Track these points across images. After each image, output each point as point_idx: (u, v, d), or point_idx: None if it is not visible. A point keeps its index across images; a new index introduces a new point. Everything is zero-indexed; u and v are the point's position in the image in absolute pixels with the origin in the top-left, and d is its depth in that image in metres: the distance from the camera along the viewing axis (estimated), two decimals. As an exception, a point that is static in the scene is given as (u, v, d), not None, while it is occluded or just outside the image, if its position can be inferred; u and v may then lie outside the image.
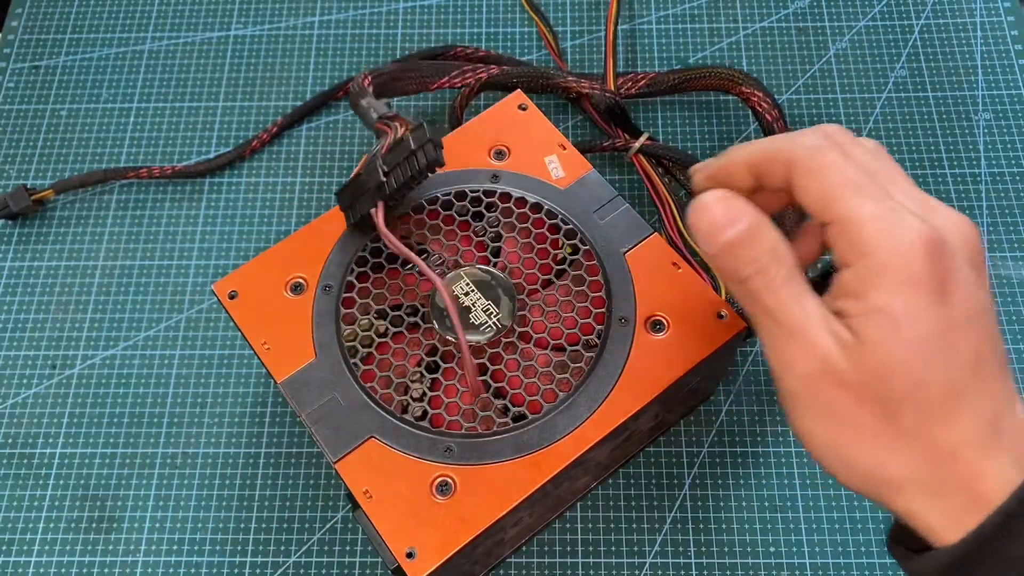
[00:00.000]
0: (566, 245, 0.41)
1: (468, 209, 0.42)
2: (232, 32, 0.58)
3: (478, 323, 0.39)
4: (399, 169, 0.38)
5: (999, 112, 0.54)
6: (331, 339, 0.39)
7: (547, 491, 0.37)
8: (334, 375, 0.38)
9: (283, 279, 0.41)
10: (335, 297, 0.40)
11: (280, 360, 0.39)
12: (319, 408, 0.38)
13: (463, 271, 0.40)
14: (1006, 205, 0.51)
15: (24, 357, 0.49)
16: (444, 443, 0.37)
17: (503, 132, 0.44)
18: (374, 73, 0.48)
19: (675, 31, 0.57)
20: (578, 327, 0.39)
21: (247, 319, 0.40)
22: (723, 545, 0.43)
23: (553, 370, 0.39)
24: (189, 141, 0.55)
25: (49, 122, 0.56)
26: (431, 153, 0.38)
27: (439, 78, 0.51)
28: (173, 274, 0.51)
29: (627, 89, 0.51)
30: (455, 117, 0.51)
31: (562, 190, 0.42)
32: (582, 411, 0.37)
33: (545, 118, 0.44)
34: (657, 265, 0.40)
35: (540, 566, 0.43)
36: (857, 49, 0.56)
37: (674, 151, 0.49)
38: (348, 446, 0.37)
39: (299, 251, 0.41)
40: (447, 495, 0.36)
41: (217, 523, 0.45)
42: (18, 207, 0.51)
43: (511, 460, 0.36)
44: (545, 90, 0.52)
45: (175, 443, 0.46)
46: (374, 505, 0.36)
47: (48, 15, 0.59)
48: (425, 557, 0.35)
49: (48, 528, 0.45)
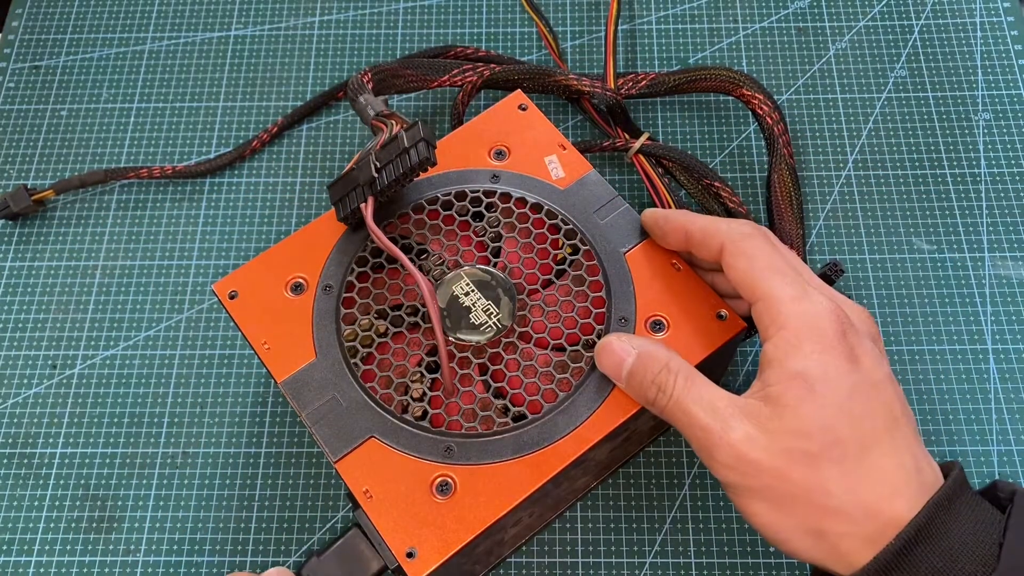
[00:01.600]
0: (566, 245, 0.41)
1: (468, 209, 0.42)
2: (232, 32, 0.58)
3: (478, 323, 0.39)
4: (391, 166, 0.39)
5: (999, 112, 0.54)
6: (331, 339, 0.39)
7: (547, 491, 0.37)
8: (334, 375, 0.38)
9: (283, 279, 0.41)
10: (335, 297, 0.40)
11: (280, 360, 0.39)
12: (319, 408, 0.38)
13: (463, 271, 0.40)
14: (1006, 205, 0.51)
15: (24, 357, 0.49)
16: (444, 443, 0.37)
17: (503, 132, 0.44)
18: (374, 69, 0.48)
19: (675, 31, 0.57)
20: (578, 327, 0.39)
21: (247, 319, 0.40)
22: (723, 545, 0.43)
23: (553, 370, 0.39)
24: (189, 141, 0.55)
25: (49, 122, 0.56)
26: (423, 151, 0.38)
27: (439, 76, 0.51)
28: (173, 274, 0.51)
29: (627, 89, 0.51)
30: (456, 115, 0.51)
31: (562, 190, 0.42)
32: (582, 411, 0.37)
33: (545, 118, 0.44)
34: (657, 265, 0.40)
35: (540, 566, 0.43)
36: (857, 49, 0.56)
37: (675, 151, 0.49)
38: (348, 446, 0.37)
39: (299, 251, 0.41)
40: (447, 495, 0.36)
41: (217, 523, 0.45)
42: (19, 207, 0.51)
43: (511, 460, 0.37)
44: (546, 88, 0.52)
45: (175, 443, 0.47)
46: (374, 505, 0.36)
47: (48, 15, 0.59)
48: (425, 557, 0.35)
49: (48, 528, 0.45)
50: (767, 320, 0.34)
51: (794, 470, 0.31)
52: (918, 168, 0.52)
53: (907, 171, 0.52)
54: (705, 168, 0.49)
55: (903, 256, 0.50)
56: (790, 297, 0.34)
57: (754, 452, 0.32)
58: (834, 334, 0.33)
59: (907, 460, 0.32)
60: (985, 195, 0.51)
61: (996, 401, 0.46)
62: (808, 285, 0.34)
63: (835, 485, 0.31)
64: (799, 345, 0.33)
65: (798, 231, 0.47)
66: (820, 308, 0.33)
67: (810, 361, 0.32)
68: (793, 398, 0.32)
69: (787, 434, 0.32)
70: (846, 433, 0.32)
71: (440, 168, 0.43)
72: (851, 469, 0.31)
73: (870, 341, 0.34)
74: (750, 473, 0.32)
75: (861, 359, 0.33)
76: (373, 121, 0.42)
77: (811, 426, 0.32)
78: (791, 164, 0.48)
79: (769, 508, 0.32)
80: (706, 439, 0.33)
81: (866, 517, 0.31)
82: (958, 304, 0.48)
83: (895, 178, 0.52)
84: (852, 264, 0.50)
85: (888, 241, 0.50)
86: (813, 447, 0.31)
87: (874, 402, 0.32)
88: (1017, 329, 0.48)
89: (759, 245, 0.36)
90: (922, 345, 0.48)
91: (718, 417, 0.33)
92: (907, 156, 0.53)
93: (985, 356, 0.47)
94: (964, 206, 0.51)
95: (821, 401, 0.32)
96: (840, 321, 0.33)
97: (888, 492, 0.31)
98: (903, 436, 0.32)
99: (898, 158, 0.53)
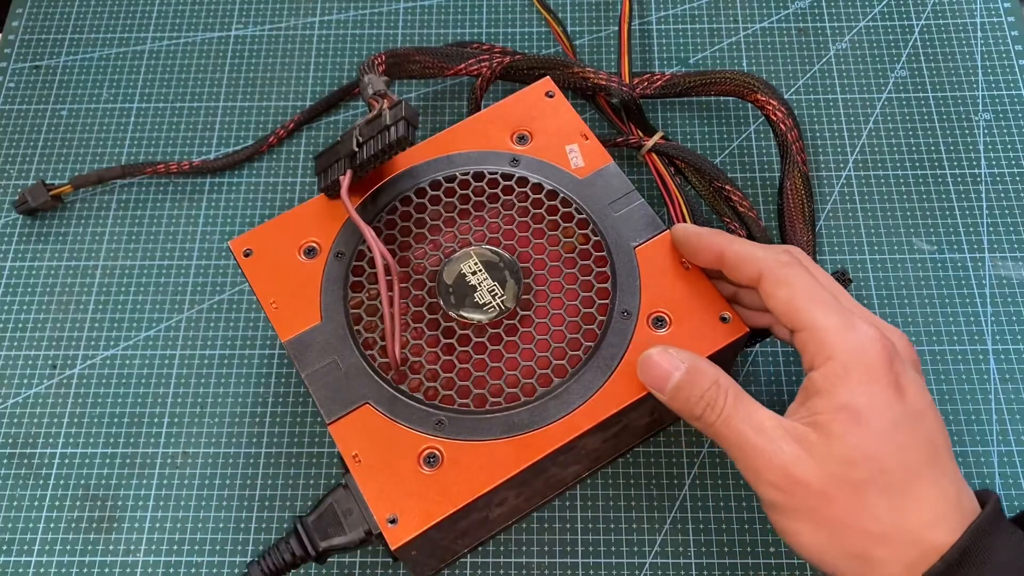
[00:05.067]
0: (578, 234, 0.42)
1: (484, 190, 0.43)
2: (232, 32, 0.58)
3: (482, 303, 0.39)
4: (372, 141, 0.40)
5: (999, 112, 0.54)
6: (338, 304, 0.40)
7: (534, 474, 0.38)
8: (337, 340, 0.39)
9: (297, 242, 0.42)
10: (346, 264, 0.41)
11: (286, 320, 0.40)
12: (319, 370, 0.39)
13: (472, 250, 0.41)
14: (1006, 205, 0.51)
15: (24, 357, 0.49)
16: (436, 416, 0.38)
17: (528, 117, 0.44)
18: (389, 52, 0.49)
19: (675, 31, 0.57)
20: (580, 316, 0.40)
21: (259, 277, 0.41)
22: (723, 545, 0.43)
23: (551, 356, 0.39)
24: (189, 141, 0.55)
25: (49, 122, 0.56)
26: (401, 130, 0.39)
27: (456, 64, 0.51)
28: (173, 274, 0.51)
29: (643, 89, 0.51)
30: (474, 101, 0.51)
31: (580, 179, 0.43)
32: (575, 399, 0.38)
33: (570, 107, 0.45)
34: (666, 262, 0.41)
35: (540, 566, 0.43)
36: (857, 49, 0.56)
37: (688, 152, 0.49)
38: (343, 410, 0.38)
39: (316, 216, 0.42)
40: (434, 467, 0.37)
41: (217, 523, 0.45)
42: (37, 202, 0.51)
43: (499, 439, 0.37)
44: (563, 81, 0.51)
45: (175, 443, 0.47)
46: (361, 469, 0.37)
47: (48, 15, 0.59)
48: (406, 525, 0.36)
49: (48, 528, 0.45)
50: (812, 349, 0.34)
51: (841, 495, 0.32)
52: (918, 168, 0.52)
53: (907, 171, 0.52)
54: (717, 170, 0.49)
55: (903, 256, 0.50)
56: (835, 327, 0.34)
57: (803, 474, 0.33)
58: (881, 365, 0.33)
59: (949, 489, 0.33)
60: (985, 195, 0.51)
61: (996, 401, 0.46)
62: (851, 314, 0.35)
63: (881, 512, 0.32)
64: (847, 376, 0.33)
65: (809, 239, 0.47)
66: (866, 338, 0.34)
67: (857, 392, 0.33)
68: (840, 428, 0.33)
69: (835, 461, 0.32)
70: (892, 463, 0.32)
71: (461, 147, 0.44)
72: (896, 497, 0.32)
73: (912, 370, 0.35)
74: (797, 494, 0.33)
75: (906, 389, 0.33)
76: (369, 99, 0.43)
77: (858, 455, 0.32)
78: (804, 172, 0.47)
79: (813, 530, 0.33)
80: (755, 458, 0.33)
81: (910, 544, 0.32)
82: (958, 304, 0.48)
83: (895, 178, 0.52)
84: (852, 264, 0.50)
85: (888, 241, 0.50)
86: (860, 475, 0.32)
87: (918, 432, 0.33)
88: (1017, 329, 0.48)
89: (799, 274, 0.36)
90: (922, 345, 0.48)
91: (767, 437, 0.33)
92: (907, 156, 0.53)
93: (985, 356, 0.47)
94: (964, 206, 0.51)
95: (868, 431, 0.32)
96: (887, 351, 0.33)
97: (930, 520, 0.32)
98: (944, 465, 0.33)
99: (898, 158, 0.53)
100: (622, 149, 0.52)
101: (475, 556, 0.44)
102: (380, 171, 0.43)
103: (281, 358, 0.48)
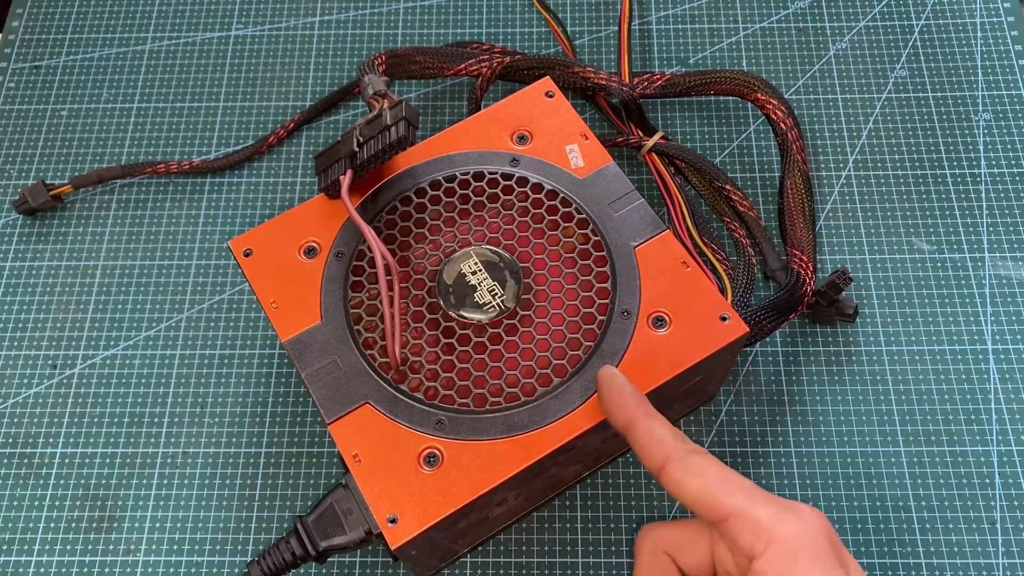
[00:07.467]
0: (577, 234, 0.42)
1: (484, 190, 0.43)
2: (232, 32, 0.58)
3: (482, 303, 0.39)
4: (372, 141, 0.40)
5: (999, 112, 0.54)
6: (338, 304, 0.40)
7: (534, 474, 0.38)
8: (337, 340, 0.39)
9: (298, 242, 0.42)
10: (346, 264, 0.41)
11: (287, 320, 0.40)
12: (319, 370, 0.39)
13: (472, 250, 0.41)
14: (1006, 205, 0.51)
15: (24, 357, 0.49)
16: (436, 416, 0.38)
17: (527, 117, 0.44)
18: (389, 52, 0.49)
19: (675, 31, 0.57)
20: (580, 316, 0.40)
21: (259, 277, 0.41)
22: (723, 545, 0.43)
23: (551, 355, 0.39)
24: (189, 141, 0.55)
25: (49, 122, 0.56)
26: (402, 130, 0.39)
27: (455, 64, 0.51)
28: (173, 274, 0.51)
29: (643, 88, 0.51)
30: (474, 101, 0.51)
31: (580, 179, 0.43)
32: (574, 398, 0.38)
33: (571, 106, 0.45)
34: (666, 262, 0.41)
35: (540, 566, 0.43)
36: (857, 49, 0.56)
37: (688, 152, 0.49)
38: (343, 409, 0.38)
39: (317, 216, 0.42)
40: (434, 467, 0.37)
41: (217, 523, 0.45)
42: (37, 202, 0.51)
43: (499, 439, 0.37)
44: (563, 81, 0.51)
45: (175, 443, 0.47)
46: (361, 469, 0.37)
47: (48, 15, 0.59)
48: (405, 525, 0.36)
49: (48, 528, 0.45)
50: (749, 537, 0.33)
51: None
52: (918, 168, 0.52)
53: (907, 171, 0.52)
54: (717, 170, 0.49)
55: (903, 256, 0.50)
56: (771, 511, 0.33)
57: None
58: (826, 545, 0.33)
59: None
60: (985, 195, 0.51)
61: (996, 401, 0.46)
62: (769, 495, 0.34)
63: None
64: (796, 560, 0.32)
65: (809, 238, 0.47)
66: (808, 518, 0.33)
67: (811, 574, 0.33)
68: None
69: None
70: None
71: (461, 147, 0.44)
72: None
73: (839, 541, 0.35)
74: None
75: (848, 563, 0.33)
76: (370, 99, 0.44)
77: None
78: (805, 171, 0.47)
79: None
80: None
81: None
82: (958, 304, 0.48)
83: (895, 178, 0.52)
84: (852, 264, 0.50)
85: (888, 241, 0.50)
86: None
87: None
88: (1017, 329, 0.48)
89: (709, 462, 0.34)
90: (922, 345, 0.48)
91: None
92: (907, 156, 0.53)
93: (985, 356, 0.47)
94: (964, 206, 0.51)
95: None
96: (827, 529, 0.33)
97: None
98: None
99: (898, 158, 0.53)
100: (622, 149, 0.52)
101: (475, 556, 0.44)
102: (380, 171, 0.43)
103: (281, 358, 0.48)
